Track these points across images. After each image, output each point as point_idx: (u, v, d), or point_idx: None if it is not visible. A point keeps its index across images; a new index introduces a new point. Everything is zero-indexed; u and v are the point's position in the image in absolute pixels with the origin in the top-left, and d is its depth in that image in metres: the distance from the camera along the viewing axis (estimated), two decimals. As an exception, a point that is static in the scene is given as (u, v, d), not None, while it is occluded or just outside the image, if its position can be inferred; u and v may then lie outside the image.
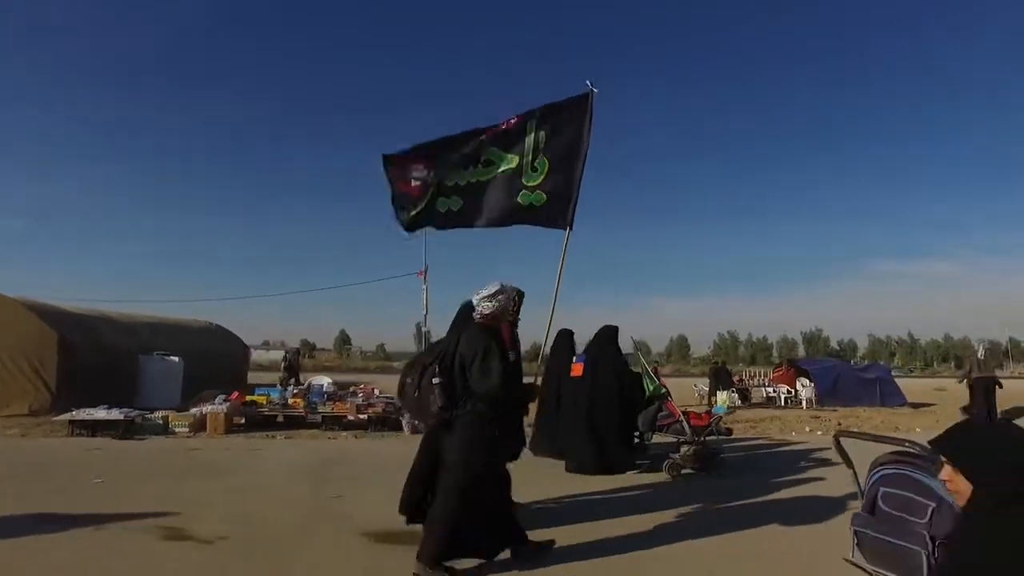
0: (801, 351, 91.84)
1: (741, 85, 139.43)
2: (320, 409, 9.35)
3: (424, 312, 40.34)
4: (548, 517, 4.56)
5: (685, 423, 6.74)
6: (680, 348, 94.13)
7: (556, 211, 4.47)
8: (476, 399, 3.34)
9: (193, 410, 8.99)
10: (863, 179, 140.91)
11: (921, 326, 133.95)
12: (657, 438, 7.10)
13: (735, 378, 19.04)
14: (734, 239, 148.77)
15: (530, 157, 4.51)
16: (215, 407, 8.77)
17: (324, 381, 11.15)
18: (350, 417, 9.33)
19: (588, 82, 4.47)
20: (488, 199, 4.61)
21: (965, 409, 12.96)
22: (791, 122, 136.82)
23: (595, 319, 5.22)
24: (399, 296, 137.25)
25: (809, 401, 17.42)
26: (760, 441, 9.58)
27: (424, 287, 40.18)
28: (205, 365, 15.12)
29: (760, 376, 20.48)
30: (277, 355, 76.15)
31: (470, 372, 3.33)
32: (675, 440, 6.80)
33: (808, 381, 18.01)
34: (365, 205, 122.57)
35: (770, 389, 18.83)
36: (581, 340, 7.53)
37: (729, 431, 7.93)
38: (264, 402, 9.45)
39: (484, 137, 4.57)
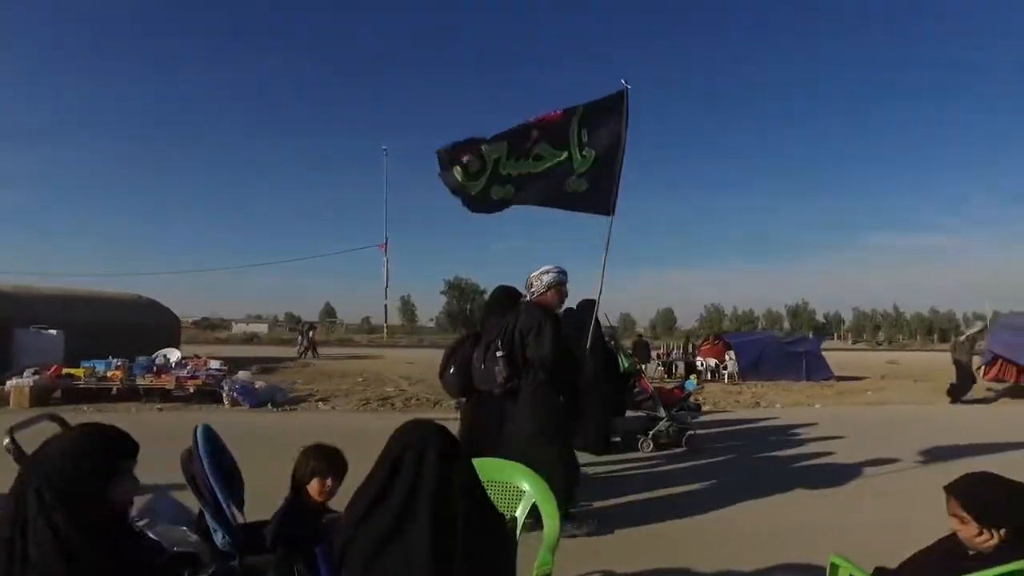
0: (786, 324, 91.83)
1: (736, 55, 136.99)
2: (139, 382, 9.01)
3: (385, 285, 39.21)
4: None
5: (657, 399, 6.80)
6: (665, 321, 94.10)
7: (597, 199, 4.81)
8: (536, 369, 3.67)
9: (9, 384, 8.67)
10: (860, 152, 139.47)
11: (909, 299, 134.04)
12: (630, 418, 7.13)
13: (659, 352, 18.79)
14: (728, 211, 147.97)
15: (577, 149, 4.82)
16: (21, 381, 8.45)
17: (161, 353, 10.72)
18: (190, 389, 9.03)
19: (623, 80, 4.81)
20: (539, 187, 4.88)
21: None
22: (786, 95, 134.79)
23: (582, 291, 5.58)
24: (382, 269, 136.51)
25: (732, 375, 17.18)
26: (726, 416, 9.51)
27: (385, 259, 39.06)
28: (115, 338, 14.71)
29: (678, 349, 20.19)
30: (261, 328, 76.19)
31: (527, 344, 3.67)
32: (646, 415, 6.87)
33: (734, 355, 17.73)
34: (349, 179, 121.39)
35: (698, 363, 18.57)
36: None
37: (699, 406, 7.80)
38: (82, 375, 9.15)
39: (535, 133, 4.81)
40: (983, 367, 13.80)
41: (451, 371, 4.11)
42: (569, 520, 3.60)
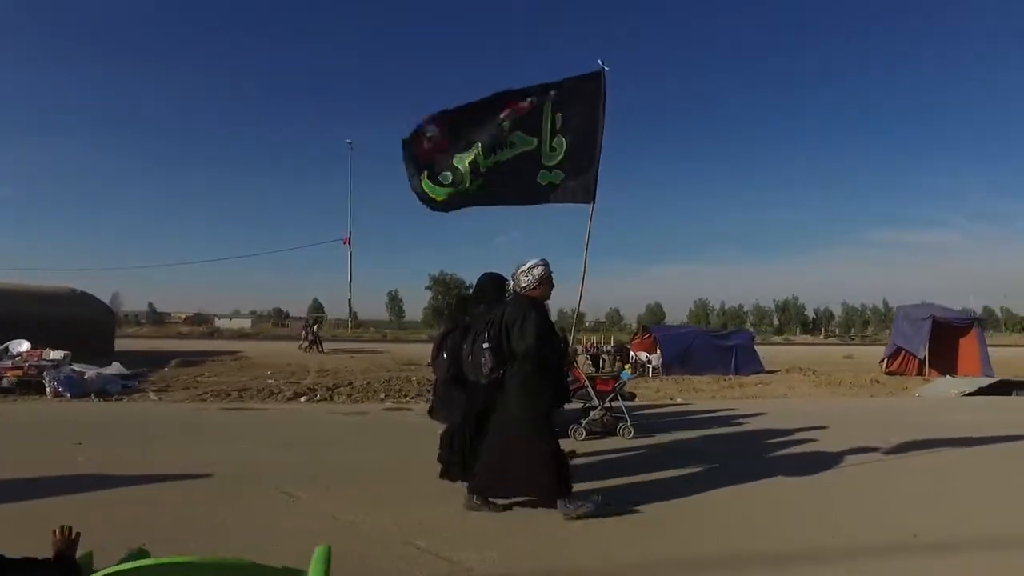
0: (775, 319, 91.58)
1: (731, 45, 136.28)
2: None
3: (349, 279, 39.05)
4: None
5: (591, 389, 6.89)
6: (653, 316, 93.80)
7: (576, 187, 4.69)
8: (519, 360, 3.74)
9: None
10: (857, 147, 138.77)
11: (902, 295, 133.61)
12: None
13: (586, 344, 18.63)
14: (723, 206, 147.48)
15: (548, 137, 4.66)
16: None
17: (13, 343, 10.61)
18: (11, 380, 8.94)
19: (600, 61, 4.61)
20: (508, 179, 4.73)
21: None
22: (781, 88, 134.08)
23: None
24: (370, 263, 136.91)
25: (655, 369, 17.02)
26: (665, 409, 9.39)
27: (349, 252, 38.83)
28: (35, 331, 14.67)
29: (606, 343, 20.02)
30: (244, 323, 76.41)
31: (512, 336, 3.74)
32: (581, 405, 6.95)
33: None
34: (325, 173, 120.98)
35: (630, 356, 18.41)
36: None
37: (633, 396, 7.70)
38: None
39: (504, 115, 4.61)
40: (886, 359, 13.65)
41: (443, 357, 4.29)
42: (569, 501, 3.79)
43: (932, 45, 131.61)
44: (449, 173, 4.64)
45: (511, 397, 3.82)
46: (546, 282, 4.02)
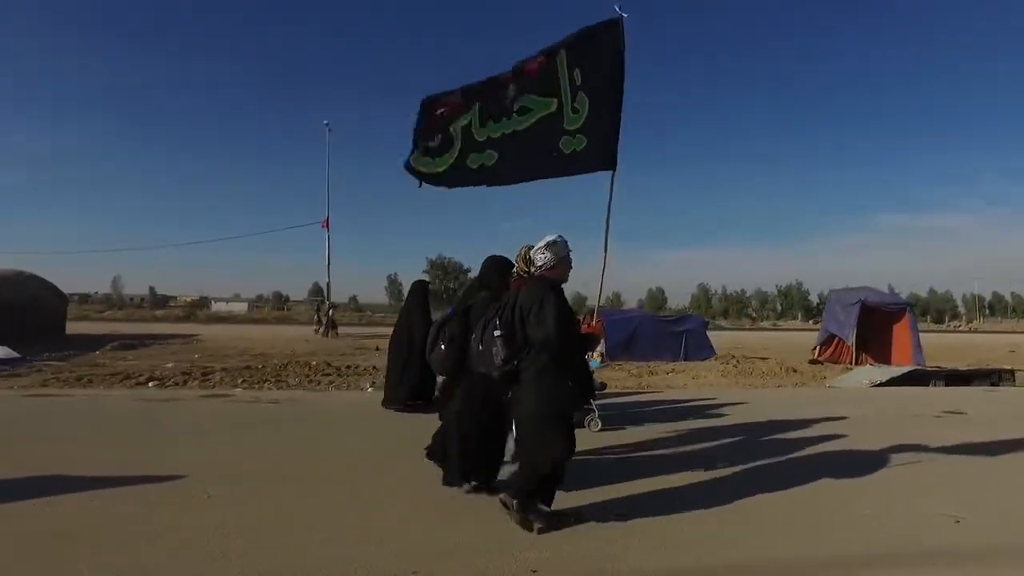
0: (777, 305, 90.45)
1: (742, 28, 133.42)
2: None
3: (327, 263, 38.84)
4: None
5: None
6: (653, 301, 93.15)
7: (599, 153, 4.25)
8: (537, 349, 3.34)
9: None
10: (865, 132, 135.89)
11: (914, 280, 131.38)
12: None
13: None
14: (731, 190, 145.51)
15: (569, 98, 4.20)
16: None
17: None
18: None
19: (616, 7, 4.18)
20: (528, 151, 4.27)
21: None
22: (794, 69, 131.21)
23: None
24: (371, 248, 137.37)
25: (601, 355, 16.58)
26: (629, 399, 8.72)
27: (327, 235, 38.41)
28: None
29: None
30: (241, 306, 77.05)
31: (528, 322, 3.36)
32: None
33: (610, 334, 17.12)
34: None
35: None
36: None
37: (603, 386, 7.34)
38: None
39: (513, 84, 4.15)
40: (818, 347, 13.07)
41: (440, 347, 3.86)
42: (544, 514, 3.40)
43: (946, 30, 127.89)
44: (440, 135, 4.15)
45: (527, 392, 3.37)
46: (564, 261, 3.57)
